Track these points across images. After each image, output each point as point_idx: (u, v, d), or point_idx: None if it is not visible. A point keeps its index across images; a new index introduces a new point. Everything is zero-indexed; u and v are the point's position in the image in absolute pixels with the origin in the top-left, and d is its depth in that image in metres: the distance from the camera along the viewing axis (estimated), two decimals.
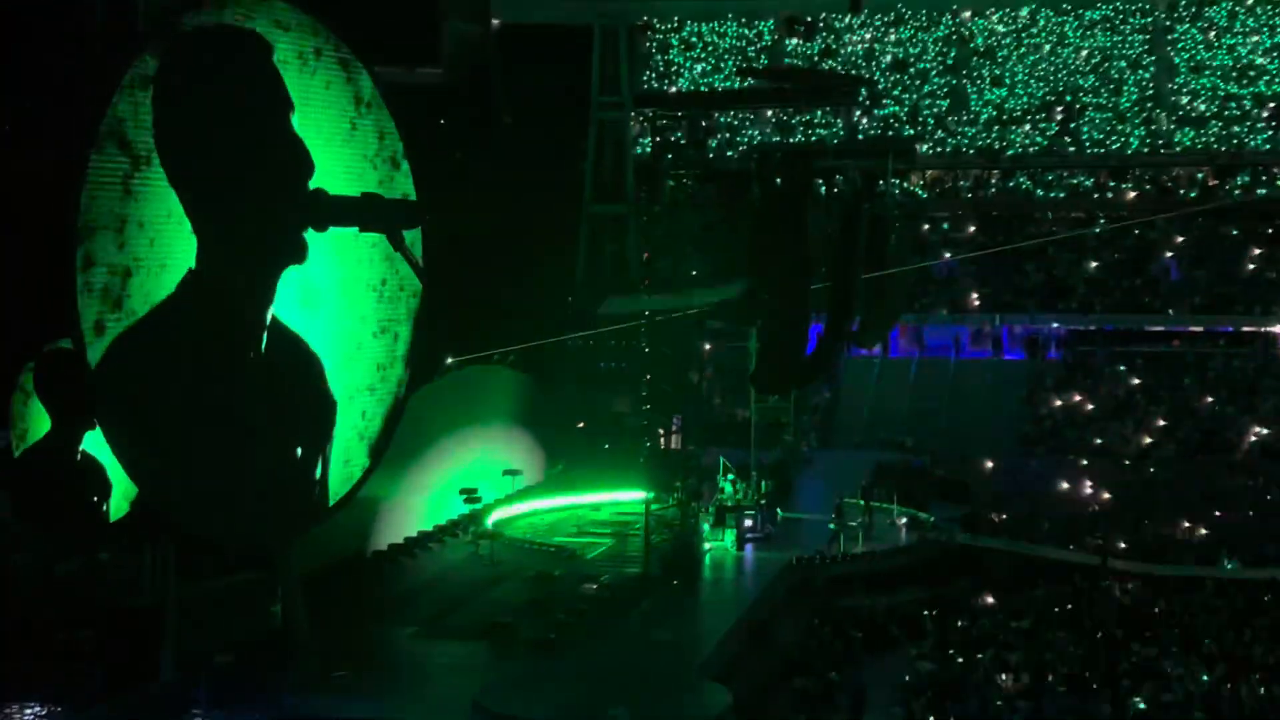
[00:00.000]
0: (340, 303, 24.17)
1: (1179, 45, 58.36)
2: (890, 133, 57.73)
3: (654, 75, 59.31)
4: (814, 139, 56.58)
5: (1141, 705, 25.43)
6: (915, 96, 59.42)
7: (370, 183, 24.41)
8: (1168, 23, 58.53)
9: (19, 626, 23.69)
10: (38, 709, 22.07)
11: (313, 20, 23.25)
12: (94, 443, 22.36)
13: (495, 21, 53.57)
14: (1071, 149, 57.28)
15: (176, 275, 20.92)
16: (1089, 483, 43.35)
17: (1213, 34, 57.91)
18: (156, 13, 21.70)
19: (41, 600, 24.36)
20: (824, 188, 49.30)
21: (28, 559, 24.62)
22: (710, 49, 60.38)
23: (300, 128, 22.76)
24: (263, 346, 22.39)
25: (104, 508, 22.88)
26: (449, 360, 35.03)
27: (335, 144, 23.77)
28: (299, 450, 23.36)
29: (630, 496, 36.72)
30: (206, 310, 21.35)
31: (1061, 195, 58.09)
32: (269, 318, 22.36)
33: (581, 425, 44.18)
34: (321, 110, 23.52)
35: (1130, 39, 58.53)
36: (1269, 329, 53.47)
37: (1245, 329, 53.67)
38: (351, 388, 24.49)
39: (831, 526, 35.48)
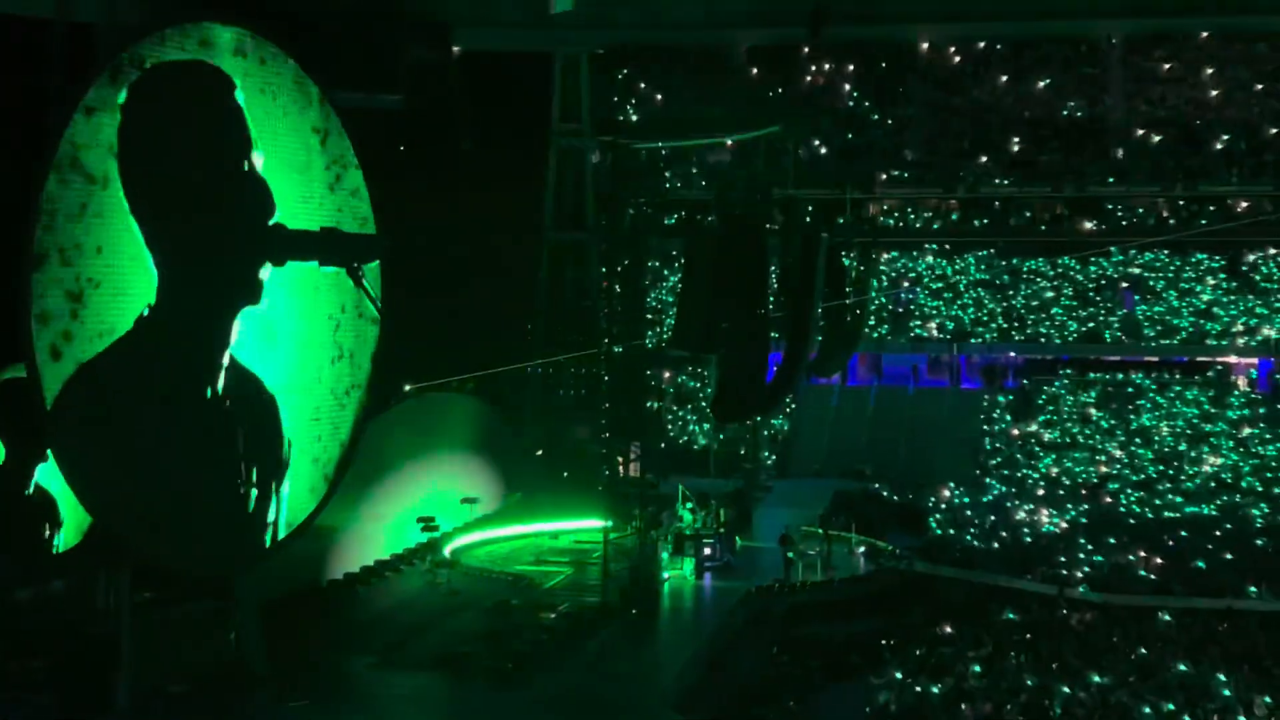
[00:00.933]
0: (298, 331, 24.18)
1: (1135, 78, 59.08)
2: (850, 162, 58.05)
3: (616, 103, 59.48)
4: (774, 166, 56.88)
5: None
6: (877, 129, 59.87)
7: (329, 210, 24.48)
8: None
9: None
10: None
11: (274, 47, 23.33)
12: (45, 475, 22.27)
13: (456, 49, 53.58)
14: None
15: (134, 302, 20.90)
16: (1046, 511, 43.59)
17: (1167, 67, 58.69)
18: (116, 38, 21.65)
19: None
20: (784, 217, 49.58)
21: None
22: (672, 78, 60.67)
23: (261, 161, 22.84)
24: (220, 383, 22.41)
25: (54, 541, 22.73)
26: (407, 387, 34.96)
27: (294, 173, 23.81)
28: (254, 483, 23.35)
29: (589, 525, 36.70)
30: (164, 347, 21.35)
31: (1021, 224, 58.62)
32: (227, 358, 22.38)
33: (540, 453, 44.17)
34: (281, 140, 23.56)
35: (1081, 70, 59.18)
36: (1225, 359, 54.16)
37: (1200, 359, 54.36)
38: (309, 415, 24.48)
39: (791, 555, 35.59)
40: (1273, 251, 56.47)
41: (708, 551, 36.04)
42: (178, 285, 21.36)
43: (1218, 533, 41.04)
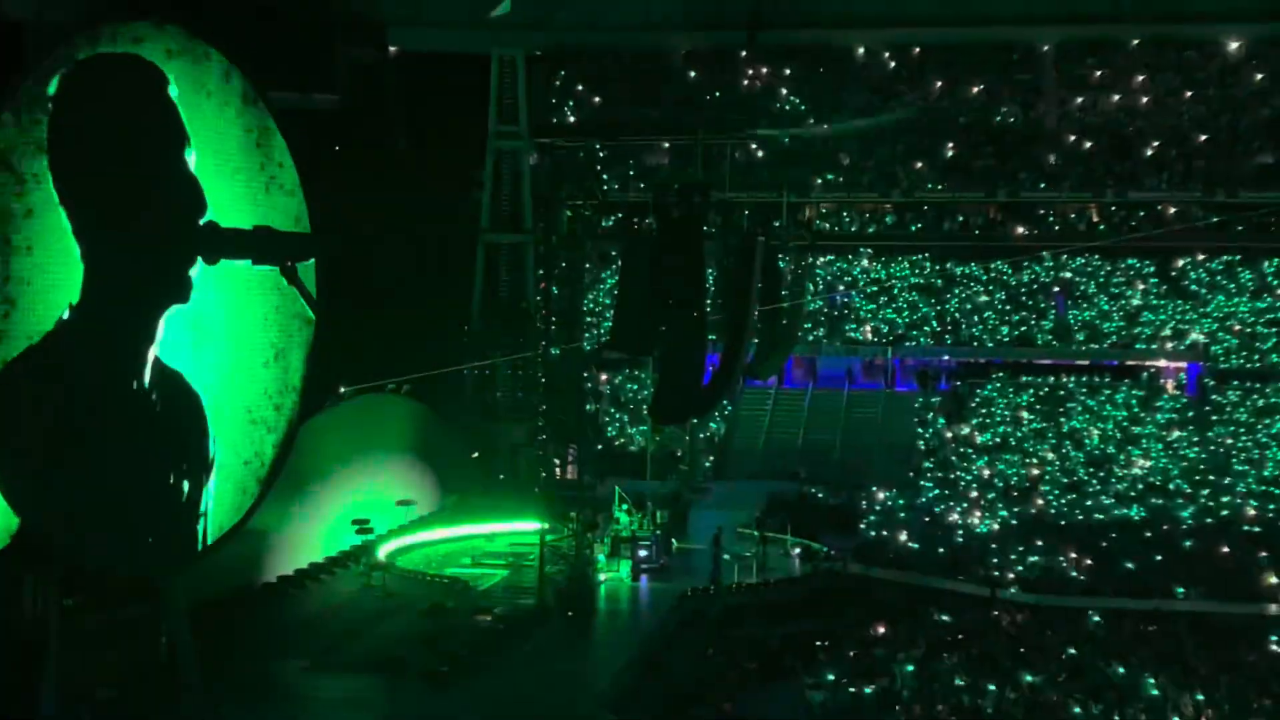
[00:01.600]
0: (231, 331, 23.96)
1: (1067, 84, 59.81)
2: (787, 167, 58.34)
3: (553, 105, 59.47)
4: (711, 169, 57.07)
5: None
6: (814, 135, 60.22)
7: (263, 209, 24.30)
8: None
9: None
10: None
11: (206, 46, 23.12)
12: None
13: (392, 49, 53.40)
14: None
15: (68, 297, 20.64)
16: (978, 513, 43.94)
17: (1099, 74, 59.46)
18: (46, 36, 21.41)
19: None
20: (721, 220, 49.69)
21: None
22: (611, 80, 60.74)
23: (195, 160, 22.63)
24: (145, 382, 22.16)
25: None
26: (342, 389, 34.76)
27: (227, 172, 23.60)
28: (181, 482, 23.11)
29: (525, 527, 36.67)
30: (89, 344, 21.05)
31: (955, 229, 59.18)
32: (152, 354, 22.15)
33: (477, 455, 44.05)
34: (215, 139, 23.36)
35: (1014, 77, 59.85)
36: (1153, 363, 54.90)
37: (1130, 363, 55.07)
38: (242, 416, 24.27)
39: (727, 558, 35.68)
40: (1201, 257, 57.37)
41: (644, 554, 36.10)
42: (104, 281, 21.04)
43: (1147, 534, 41.51)
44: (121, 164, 21.57)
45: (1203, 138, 57.49)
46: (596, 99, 59.97)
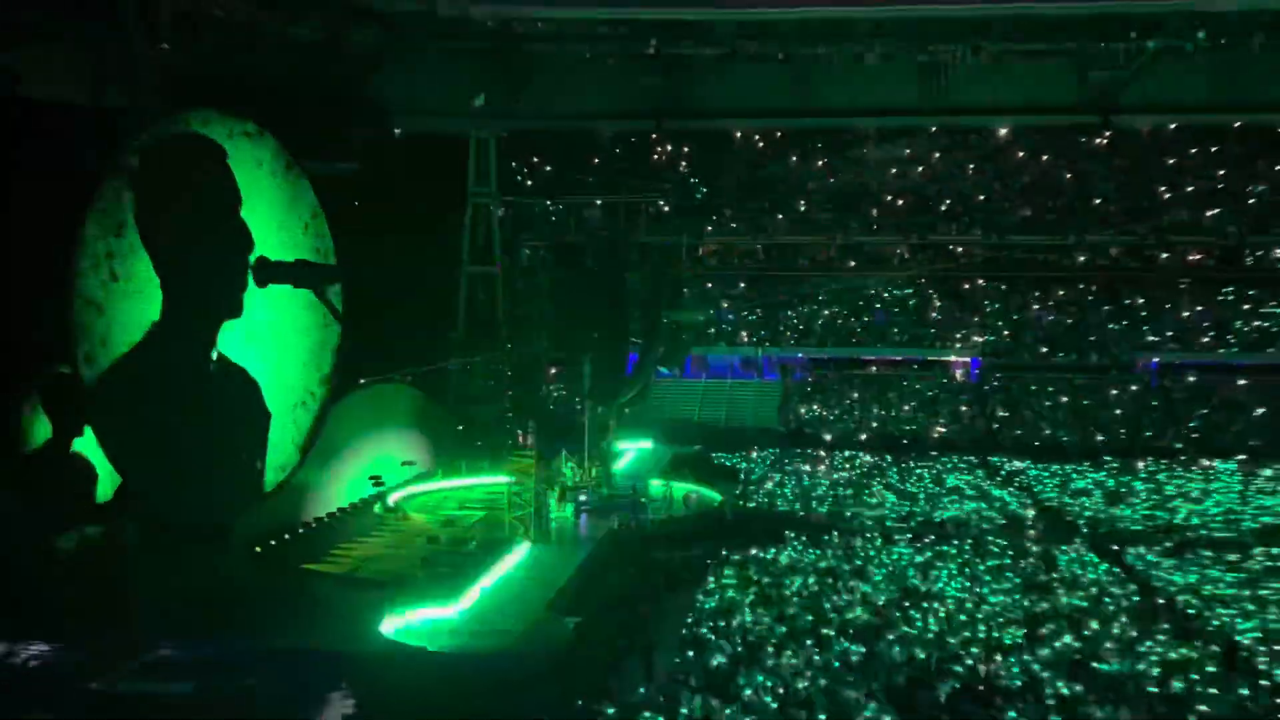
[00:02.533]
0: (279, 340, 23.78)
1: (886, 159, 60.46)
2: (685, 217, 58.53)
3: (514, 170, 59.18)
4: (632, 219, 57.14)
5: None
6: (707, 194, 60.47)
7: (303, 247, 24.13)
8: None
9: (29, 586, 22.62)
10: (44, 646, 21.17)
11: (257, 128, 22.91)
12: (83, 445, 21.61)
13: (396, 130, 53.00)
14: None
15: (150, 317, 20.34)
16: (823, 467, 44.39)
17: (908, 151, 60.19)
18: (136, 120, 21.10)
19: (45, 565, 23.26)
20: (638, 257, 49.80)
21: (31, 538, 23.46)
22: (557, 154, 60.55)
23: (248, 211, 22.44)
24: (211, 373, 21.95)
25: (92, 493, 22.04)
26: (361, 381, 34.52)
27: (275, 221, 23.45)
28: (243, 449, 22.93)
29: (497, 480, 36.58)
30: (168, 350, 20.86)
31: (806, 262, 59.67)
32: (215, 354, 21.94)
33: (460, 428, 43.82)
34: (266, 195, 23.17)
35: (847, 153, 60.36)
36: (945, 359, 55.80)
37: (930, 358, 55.93)
38: (288, 403, 24.08)
39: (643, 500, 35.75)
40: (981, 282, 58.34)
41: (583, 499, 36.11)
42: (178, 302, 20.85)
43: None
44: (190, 216, 21.36)
45: (981, 197, 58.43)
46: (547, 168, 59.79)
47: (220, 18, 34.82)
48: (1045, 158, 58.98)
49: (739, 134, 59.95)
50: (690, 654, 22.00)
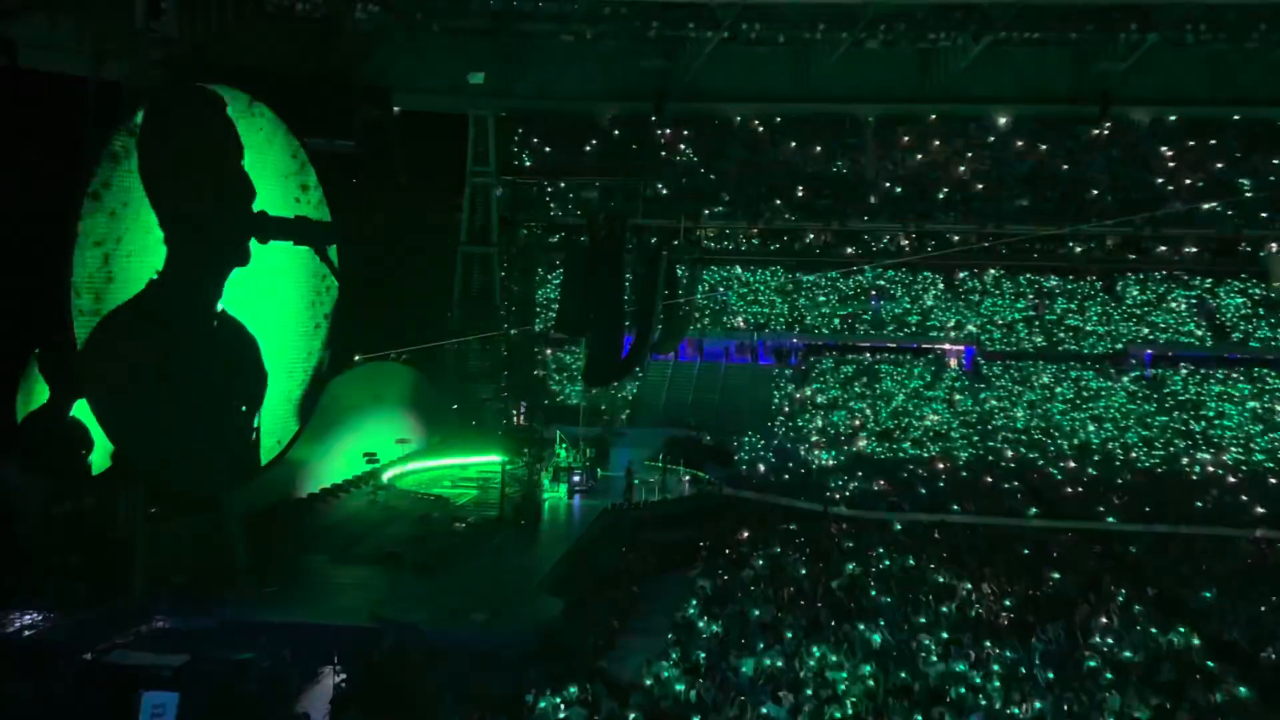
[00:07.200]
0: (278, 307, 23.69)
1: (883, 145, 60.29)
2: (683, 200, 58.41)
3: (514, 152, 58.98)
4: (629, 201, 56.98)
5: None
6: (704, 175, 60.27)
7: (300, 209, 24.12)
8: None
9: (24, 554, 22.73)
10: (36, 615, 21.22)
11: (261, 104, 22.80)
12: (81, 411, 21.52)
13: (396, 108, 52.75)
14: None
15: (150, 272, 20.17)
16: (817, 452, 44.45)
17: (906, 139, 60.07)
18: (136, 94, 20.99)
19: (41, 534, 23.34)
20: (635, 239, 49.68)
21: (31, 503, 23.52)
22: (556, 135, 60.31)
23: (250, 169, 22.41)
24: (214, 329, 21.84)
25: (87, 461, 22.00)
26: (357, 358, 34.50)
27: (276, 181, 23.39)
28: (238, 416, 22.76)
29: (490, 459, 36.65)
30: (169, 304, 20.65)
31: (803, 247, 59.58)
32: (219, 308, 21.82)
33: (455, 407, 43.83)
34: (269, 164, 23.09)
35: (845, 140, 60.23)
36: (939, 346, 55.86)
37: (924, 346, 55.97)
38: (285, 369, 24.01)
39: (636, 482, 35.85)
40: (975, 271, 58.38)
41: (576, 479, 36.21)
42: (182, 254, 20.69)
43: (939, 467, 42.29)
44: (193, 167, 21.26)
45: (979, 186, 58.33)
46: (546, 148, 59.59)
47: None
48: (1044, 146, 58.78)
49: (738, 118, 59.73)
50: None
